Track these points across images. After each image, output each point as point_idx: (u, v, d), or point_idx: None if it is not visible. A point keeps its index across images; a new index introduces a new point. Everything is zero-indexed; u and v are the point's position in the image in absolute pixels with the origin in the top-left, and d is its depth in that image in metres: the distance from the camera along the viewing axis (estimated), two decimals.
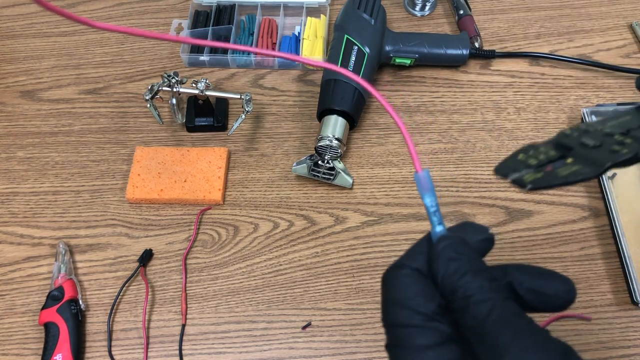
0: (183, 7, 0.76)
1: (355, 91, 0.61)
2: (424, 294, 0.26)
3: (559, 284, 0.26)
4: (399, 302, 0.26)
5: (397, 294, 0.26)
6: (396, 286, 0.27)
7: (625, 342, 0.52)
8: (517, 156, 0.29)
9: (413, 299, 0.26)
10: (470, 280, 0.25)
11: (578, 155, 0.27)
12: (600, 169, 0.25)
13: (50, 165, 0.64)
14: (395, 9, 0.76)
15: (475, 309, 0.24)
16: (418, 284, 0.26)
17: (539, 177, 0.26)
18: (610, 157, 0.26)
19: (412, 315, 0.25)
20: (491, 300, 0.24)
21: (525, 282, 0.26)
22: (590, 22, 0.73)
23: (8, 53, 0.73)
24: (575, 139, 0.28)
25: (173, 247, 0.58)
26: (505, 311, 0.24)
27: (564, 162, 0.27)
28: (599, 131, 0.29)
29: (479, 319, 0.24)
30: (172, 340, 0.54)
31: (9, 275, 0.58)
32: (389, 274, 0.27)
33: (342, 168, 0.60)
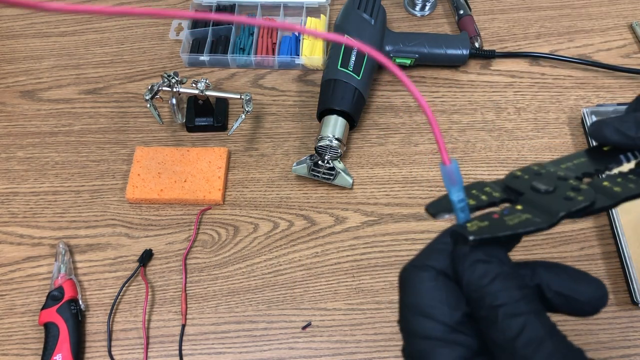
0: (183, 7, 0.76)
1: (355, 91, 0.61)
2: (448, 302, 0.23)
3: (591, 288, 0.24)
4: (420, 310, 0.23)
5: (418, 300, 0.23)
6: (417, 291, 0.24)
7: (625, 342, 0.52)
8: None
9: (436, 307, 0.23)
10: (499, 287, 0.22)
11: (529, 202, 0.25)
12: (554, 219, 0.23)
13: (50, 165, 0.64)
14: (395, 9, 0.76)
15: (504, 324, 0.21)
16: (442, 290, 0.23)
17: (484, 226, 0.23)
18: (564, 205, 0.24)
19: (435, 327, 0.23)
20: (523, 315, 0.21)
21: (554, 285, 0.24)
22: (590, 22, 0.73)
23: (8, 53, 0.73)
24: (525, 182, 0.26)
25: (173, 247, 0.58)
26: (538, 331, 0.21)
27: (513, 207, 0.25)
28: (551, 174, 0.27)
29: (509, 336, 0.21)
30: (172, 341, 0.54)
31: (8, 275, 0.58)
32: (409, 274, 0.24)
33: (342, 168, 0.60)
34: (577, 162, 0.28)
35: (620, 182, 0.26)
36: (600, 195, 0.25)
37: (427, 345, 0.23)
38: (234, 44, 0.71)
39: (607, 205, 0.25)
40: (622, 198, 0.25)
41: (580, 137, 0.64)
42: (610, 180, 0.26)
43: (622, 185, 0.26)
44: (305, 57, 0.69)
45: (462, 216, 0.24)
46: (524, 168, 0.27)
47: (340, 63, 0.62)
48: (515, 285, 0.22)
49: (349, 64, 0.62)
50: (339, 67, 0.62)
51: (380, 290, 0.55)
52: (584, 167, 0.27)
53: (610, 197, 0.25)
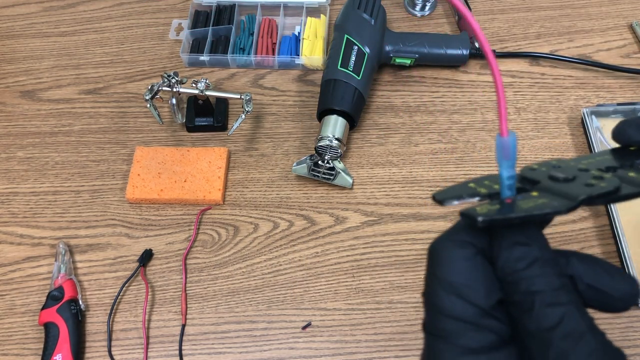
0: (183, 7, 0.76)
1: (355, 91, 0.61)
2: (485, 284, 0.21)
3: (625, 284, 0.23)
4: (454, 288, 0.21)
5: (453, 277, 0.21)
6: (453, 267, 0.22)
7: (626, 343, 0.52)
8: (467, 184, 0.25)
9: (472, 288, 0.21)
10: (538, 272, 0.21)
11: (545, 189, 0.23)
12: (573, 203, 0.21)
13: (50, 165, 0.64)
14: (395, 9, 0.76)
15: (541, 313, 0.20)
16: (479, 270, 0.22)
17: (494, 209, 0.21)
18: (585, 190, 0.22)
19: (468, 308, 0.21)
20: (562, 305, 0.20)
21: (588, 277, 0.23)
22: (590, 22, 0.73)
23: (8, 53, 0.73)
24: (543, 173, 0.24)
25: (173, 247, 0.58)
26: (578, 324, 0.20)
27: (528, 194, 0.23)
28: (572, 167, 0.25)
29: (545, 326, 0.20)
30: (172, 341, 0.54)
31: (8, 275, 0.58)
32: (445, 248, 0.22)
33: (342, 168, 0.60)
34: (599, 158, 0.26)
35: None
36: (626, 184, 0.23)
37: (457, 326, 0.21)
38: (234, 44, 0.71)
39: (634, 193, 0.22)
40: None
41: (580, 137, 0.64)
42: (637, 172, 0.24)
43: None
44: (305, 57, 0.69)
45: (507, 193, 0.23)
46: (541, 162, 0.25)
47: (340, 63, 0.62)
48: (555, 272, 0.21)
49: (349, 64, 0.62)
50: (339, 67, 0.62)
51: (380, 290, 0.55)
52: (607, 162, 0.25)
53: (637, 185, 0.22)
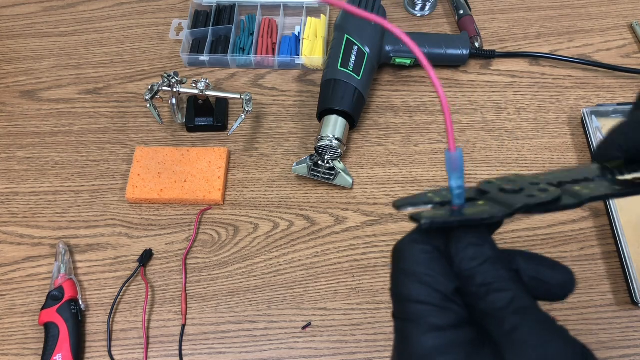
0: (183, 7, 0.76)
1: (355, 91, 0.61)
2: (444, 273, 0.25)
3: (562, 275, 0.26)
4: (417, 277, 0.24)
5: (416, 268, 0.25)
6: (415, 259, 0.25)
7: (626, 342, 0.52)
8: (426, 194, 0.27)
9: (433, 276, 0.24)
10: (490, 268, 0.24)
11: (492, 199, 0.25)
12: (509, 210, 0.24)
13: (50, 165, 0.64)
14: (395, 9, 0.76)
15: (495, 296, 0.23)
16: (438, 262, 0.25)
17: (439, 214, 0.24)
18: (524, 200, 0.24)
19: (431, 293, 0.24)
20: (512, 290, 0.23)
21: (530, 271, 0.26)
22: (590, 22, 0.73)
23: (8, 53, 0.73)
24: (496, 186, 0.27)
25: (173, 247, 0.58)
26: (525, 302, 0.23)
27: (475, 202, 0.25)
28: (525, 180, 0.27)
29: (499, 306, 0.23)
30: (172, 341, 0.54)
31: (8, 275, 0.58)
32: (406, 246, 0.26)
33: (342, 168, 0.60)
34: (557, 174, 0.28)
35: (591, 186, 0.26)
36: (568, 196, 0.25)
37: (423, 308, 0.24)
38: (234, 44, 0.71)
39: (571, 204, 0.25)
40: (587, 198, 0.25)
41: (580, 137, 0.64)
42: (582, 185, 0.27)
43: (592, 188, 0.26)
44: (305, 57, 0.69)
45: (457, 202, 0.25)
46: (501, 177, 0.28)
47: (340, 63, 0.62)
48: (504, 267, 0.24)
49: (349, 64, 0.62)
50: (339, 67, 0.62)
51: (380, 290, 0.55)
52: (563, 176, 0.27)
53: (576, 197, 0.25)
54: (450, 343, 0.23)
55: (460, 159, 0.24)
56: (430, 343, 0.23)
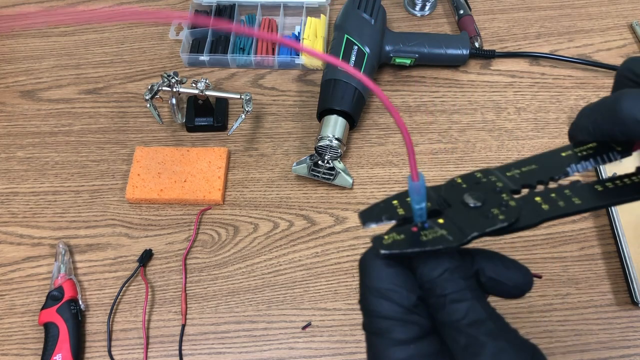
0: (183, 7, 0.76)
1: (355, 91, 0.61)
2: (405, 286, 0.26)
3: (518, 275, 0.27)
4: (379, 293, 0.26)
5: (378, 284, 0.26)
6: (377, 275, 0.26)
7: (625, 342, 0.52)
8: (391, 201, 0.27)
9: (395, 291, 0.25)
10: (448, 278, 0.25)
11: (452, 216, 0.26)
12: (463, 239, 0.25)
13: (50, 165, 0.64)
14: (395, 8, 0.75)
15: (451, 308, 0.24)
16: (399, 275, 0.26)
17: (399, 240, 0.25)
18: (480, 224, 0.25)
19: (393, 307, 0.25)
20: (467, 301, 0.25)
21: (489, 271, 0.27)
22: (590, 22, 0.73)
23: (8, 53, 0.73)
24: (460, 192, 0.27)
25: (173, 247, 0.58)
26: (480, 314, 0.24)
27: (435, 221, 0.26)
28: (490, 184, 0.27)
29: (455, 318, 0.24)
30: (172, 341, 0.54)
31: (8, 275, 0.58)
32: (369, 260, 0.27)
33: (342, 168, 0.60)
34: (525, 169, 0.28)
35: (552, 198, 0.26)
36: (527, 211, 0.26)
37: (386, 324, 0.25)
38: (233, 43, 0.71)
39: (529, 225, 0.26)
40: (545, 218, 0.26)
41: None
42: (543, 196, 0.27)
43: (552, 203, 0.26)
44: (305, 56, 0.68)
45: (418, 219, 0.26)
46: (467, 175, 0.28)
47: None
48: (461, 276, 0.25)
49: (349, 64, 0.62)
50: (341, 61, 0.61)
51: None
52: (529, 176, 0.28)
53: (535, 215, 0.26)
54: (415, 355, 0.25)
55: (423, 187, 0.25)
56: (396, 357, 0.25)
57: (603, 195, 0.27)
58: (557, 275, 0.56)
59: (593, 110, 0.28)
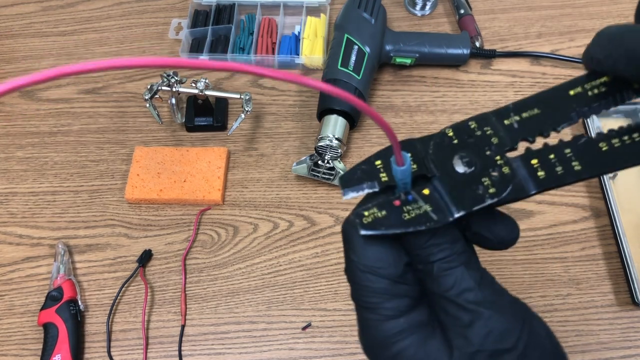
0: (182, 6, 0.76)
1: (355, 91, 0.61)
2: (389, 257, 0.25)
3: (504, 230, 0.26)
4: (366, 266, 0.25)
5: (363, 259, 0.25)
6: (361, 251, 0.25)
7: (626, 343, 0.52)
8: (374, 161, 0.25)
9: (379, 264, 0.25)
10: (434, 242, 0.24)
11: (438, 185, 0.24)
12: (448, 218, 0.23)
13: (49, 165, 0.64)
14: (396, 8, 0.75)
15: (440, 278, 0.24)
16: (385, 249, 0.25)
17: (380, 217, 0.24)
18: (466, 200, 0.24)
19: (380, 281, 0.25)
20: (455, 268, 0.24)
21: (474, 226, 0.26)
22: (591, 22, 0.73)
23: (7, 53, 0.73)
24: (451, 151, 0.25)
25: (172, 248, 0.58)
26: (468, 283, 0.24)
27: (420, 192, 0.24)
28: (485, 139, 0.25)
29: (444, 289, 0.24)
30: (171, 341, 0.54)
31: (7, 275, 0.57)
32: (352, 233, 0.25)
33: (342, 168, 0.60)
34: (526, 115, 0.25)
35: (550, 160, 0.24)
36: (520, 180, 0.24)
37: (375, 299, 0.25)
38: (233, 43, 0.71)
39: (520, 198, 0.24)
40: (539, 190, 0.24)
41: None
42: (540, 158, 0.24)
43: (549, 169, 0.24)
44: (305, 56, 0.68)
45: (401, 189, 0.25)
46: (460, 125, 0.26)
47: (341, 63, 0.62)
48: (449, 240, 0.24)
49: (349, 64, 0.61)
50: (339, 66, 0.61)
51: None
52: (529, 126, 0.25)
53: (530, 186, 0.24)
54: (406, 328, 0.25)
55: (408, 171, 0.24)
56: (387, 330, 0.25)
57: (608, 157, 0.24)
58: (558, 275, 0.55)
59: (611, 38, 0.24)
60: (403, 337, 0.24)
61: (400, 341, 0.24)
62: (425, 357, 0.24)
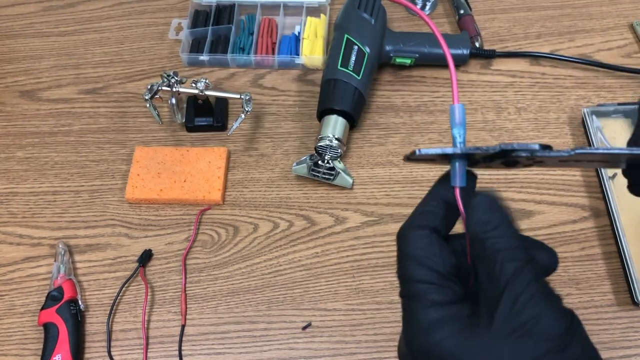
0: (183, 6, 0.76)
1: (355, 91, 0.61)
2: (441, 255, 0.27)
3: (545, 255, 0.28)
4: (418, 259, 0.27)
5: (416, 252, 0.28)
6: (415, 244, 0.28)
7: (626, 343, 0.52)
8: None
9: (431, 258, 0.27)
10: (502, 233, 0.26)
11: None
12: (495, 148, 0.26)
13: (49, 165, 0.64)
14: (396, 8, 0.75)
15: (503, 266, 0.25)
16: (436, 245, 0.28)
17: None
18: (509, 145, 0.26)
19: (430, 273, 0.27)
20: (519, 260, 0.25)
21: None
22: (591, 22, 0.73)
23: (7, 53, 0.73)
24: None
25: (172, 248, 0.58)
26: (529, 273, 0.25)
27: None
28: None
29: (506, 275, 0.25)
30: (171, 341, 0.54)
31: (8, 275, 0.57)
32: (408, 232, 0.29)
33: (342, 168, 0.60)
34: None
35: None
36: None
37: (423, 287, 0.27)
38: (233, 43, 0.71)
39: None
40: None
41: (580, 137, 0.64)
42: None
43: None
44: (305, 56, 0.68)
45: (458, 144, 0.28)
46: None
47: (341, 63, 0.62)
48: (514, 234, 0.27)
49: (349, 64, 0.61)
50: (339, 66, 0.61)
51: (381, 290, 0.55)
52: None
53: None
54: (448, 316, 0.26)
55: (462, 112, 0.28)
56: (431, 316, 0.26)
57: None
58: (557, 275, 0.56)
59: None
60: (445, 324, 0.26)
61: (441, 328, 0.26)
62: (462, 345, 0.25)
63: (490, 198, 0.27)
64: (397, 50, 0.66)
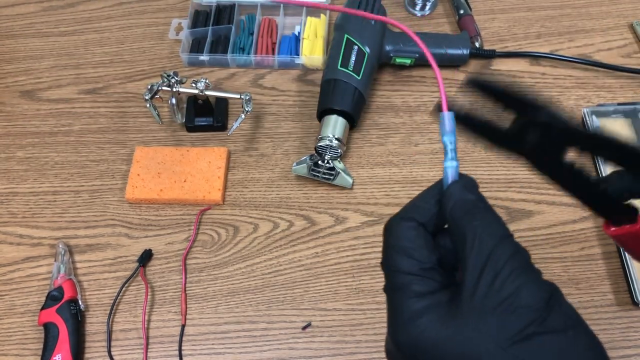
0: (183, 6, 0.76)
1: (355, 91, 0.61)
2: (426, 246, 0.28)
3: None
4: (403, 250, 0.28)
5: (402, 243, 0.29)
6: (402, 236, 0.29)
7: (626, 343, 0.52)
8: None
9: (417, 250, 0.28)
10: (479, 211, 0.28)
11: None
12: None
13: (49, 165, 0.64)
14: (396, 8, 0.75)
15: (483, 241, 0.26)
16: (422, 237, 0.29)
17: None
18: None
19: (413, 264, 0.28)
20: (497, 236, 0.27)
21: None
22: (590, 22, 0.73)
23: (7, 53, 0.73)
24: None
25: (173, 248, 0.58)
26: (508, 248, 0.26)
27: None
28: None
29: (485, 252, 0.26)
30: (171, 341, 0.54)
31: (8, 275, 0.57)
32: (396, 223, 0.30)
33: (342, 168, 0.60)
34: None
35: None
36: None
37: (407, 279, 0.28)
38: (233, 43, 0.71)
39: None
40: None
41: None
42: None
43: None
44: (305, 56, 0.68)
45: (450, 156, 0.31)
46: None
47: (341, 63, 0.62)
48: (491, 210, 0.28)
49: (349, 64, 0.61)
50: (339, 66, 0.61)
51: (380, 290, 0.55)
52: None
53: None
54: (429, 305, 0.27)
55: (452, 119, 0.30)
56: (414, 307, 0.27)
57: None
58: (557, 275, 0.56)
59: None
60: (428, 312, 0.27)
61: (423, 317, 0.27)
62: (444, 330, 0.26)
63: (466, 181, 0.29)
64: (397, 50, 0.66)
